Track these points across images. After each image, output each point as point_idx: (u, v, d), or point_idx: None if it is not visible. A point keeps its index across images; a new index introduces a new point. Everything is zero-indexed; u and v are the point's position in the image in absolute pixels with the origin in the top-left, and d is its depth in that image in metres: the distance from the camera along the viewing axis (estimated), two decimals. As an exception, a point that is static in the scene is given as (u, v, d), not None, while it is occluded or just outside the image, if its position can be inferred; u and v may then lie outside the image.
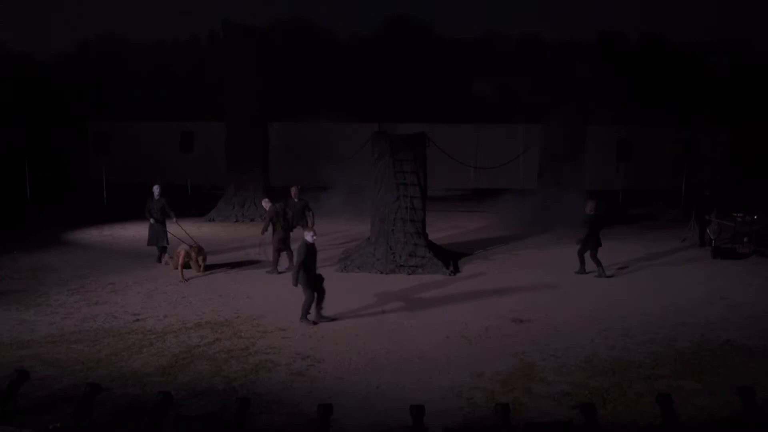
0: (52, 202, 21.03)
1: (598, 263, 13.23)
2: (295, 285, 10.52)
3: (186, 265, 13.19)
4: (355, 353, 9.32)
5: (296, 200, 14.87)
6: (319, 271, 13.37)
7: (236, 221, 19.47)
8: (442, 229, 17.34)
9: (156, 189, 14.16)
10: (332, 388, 8.18)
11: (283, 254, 13.62)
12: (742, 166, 22.13)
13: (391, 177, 14.13)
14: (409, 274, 13.45)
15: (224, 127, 20.31)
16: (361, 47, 30.42)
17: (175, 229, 14.06)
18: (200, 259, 13.41)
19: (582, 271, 13.42)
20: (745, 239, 15.30)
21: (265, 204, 14.09)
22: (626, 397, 7.94)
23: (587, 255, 13.34)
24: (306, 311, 10.50)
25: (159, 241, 14.09)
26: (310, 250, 10.55)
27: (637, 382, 8.33)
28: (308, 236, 10.62)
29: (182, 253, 13.16)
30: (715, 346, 9.59)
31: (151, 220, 14.01)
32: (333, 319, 10.62)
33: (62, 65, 29.00)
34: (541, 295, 12.13)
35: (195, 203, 20.76)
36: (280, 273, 13.35)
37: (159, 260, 14.14)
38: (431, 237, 14.91)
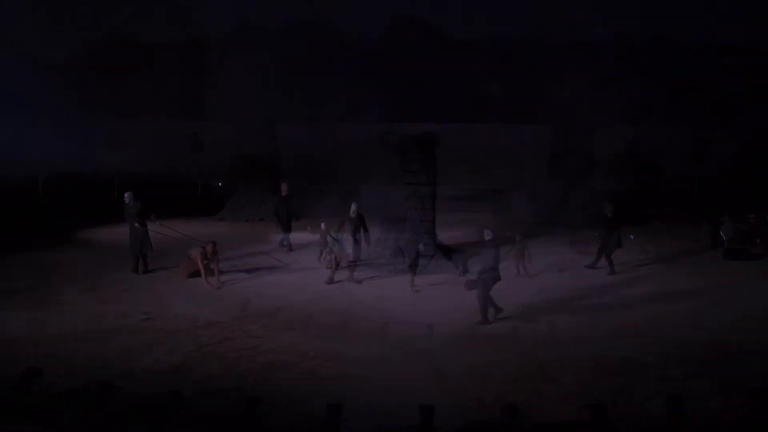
0: (63, 201, 21.14)
1: (610, 262, 13.57)
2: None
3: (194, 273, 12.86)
4: (364, 352, 9.32)
5: (284, 196, 15.14)
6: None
7: (246, 220, 19.52)
8: (452, 229, 17.29)
9: (127, 196, 13.70)
10: (341, 388, 8.18)
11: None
12: (754, 167, 21.98)
13: (401, 177, 14.13)
14: (419, 274, 13.40)
15: (233, 128, 20.39)
16: (370, 47, 30.41)
17: (165, 230, 13.88)
18: (213, 259, 12.67)
19: (612, 271, 13.58)
20: (758, 240, 15.19)
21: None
22: (636, 398, 7.90)
23: (603, 251, 13.69)
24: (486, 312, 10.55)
25: (142, 247, 13.53)
26: None
27: (647, 384, 8.29)
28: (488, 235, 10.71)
29: (199, 256, 12.61)
30: (726, 348, 9.52)
31: (136, 224, 13.48)
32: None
33: (64, 65, 29.13)
34: (551, 295, 12.08)
35: (205, 202, 20.84)
36: None
37: (135, 270, 13.48)
38: (440, 237, 14.88)
